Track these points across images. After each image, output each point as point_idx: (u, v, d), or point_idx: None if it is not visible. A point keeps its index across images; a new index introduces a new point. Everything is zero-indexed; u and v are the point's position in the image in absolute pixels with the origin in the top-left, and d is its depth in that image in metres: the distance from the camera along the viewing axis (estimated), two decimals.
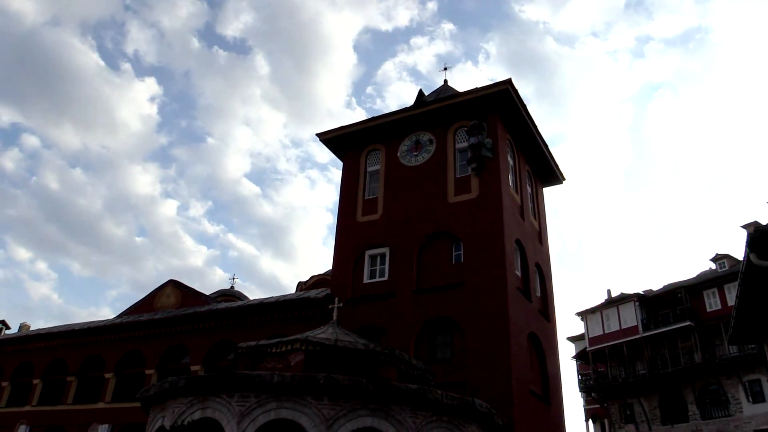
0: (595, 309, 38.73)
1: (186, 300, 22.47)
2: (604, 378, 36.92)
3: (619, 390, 35.95)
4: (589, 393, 39.10)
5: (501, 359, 15.04)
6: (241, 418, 10.42)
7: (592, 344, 37.93)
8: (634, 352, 35.68)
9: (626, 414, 36.15)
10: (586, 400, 42.40)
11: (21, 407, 23.35)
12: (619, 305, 37.46)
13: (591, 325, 38.64)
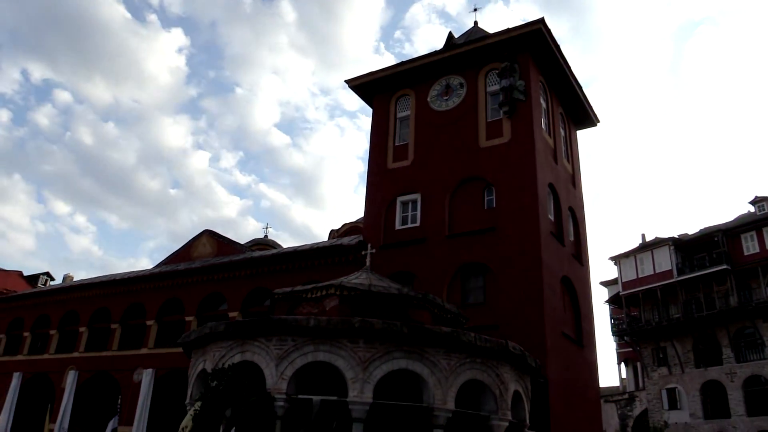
0: (628, 253, 38.42)
1: (221, 249, 22.90)
2: (637, 322, 36.89)
3: (652, 333, 35.93)
4: (621, 337, 39.20)
5: (534, 303, 15.09)
6: (279, 360, 10.72)
7: (626, 288, 37.78)
8: (668, 296, 35.47)
9: (659, 357, 36.23)
10: (619, 344, 42.56)
11: (69, 354, 24.36)
12: (654, 249, 37.06)
13: (624, 269, 38.40)
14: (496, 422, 11.43)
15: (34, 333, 26.79)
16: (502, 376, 11.62)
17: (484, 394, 11.56)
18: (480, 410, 11.61)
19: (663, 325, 35.16)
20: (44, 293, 27.90)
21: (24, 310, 27.76)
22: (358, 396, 10.36)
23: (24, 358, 26.23)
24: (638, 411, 37.95)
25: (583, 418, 16.56)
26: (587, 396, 17.43)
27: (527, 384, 13.02)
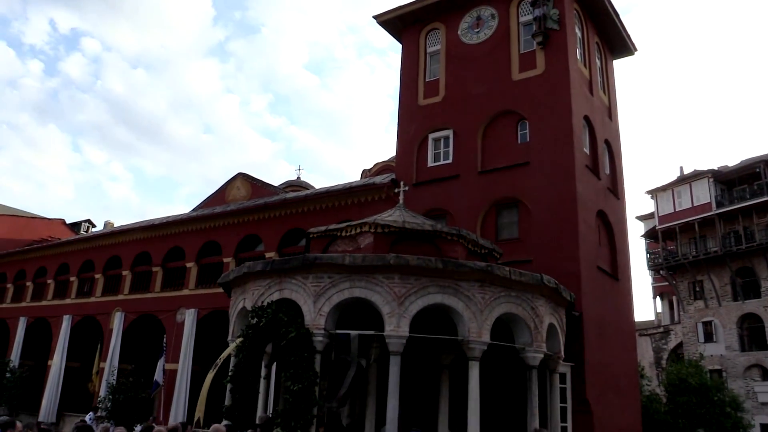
0: (666, 187, 37.70)
1: (255, 191, 23.16)
2: (674, 256, 36.53)
3: (688, 267, 35.59)
4: (657, 271, 38.96)
5: (568, 237, 15.01)
6: (317, 297, 10.95)
7: (662, 223, 37.25)
8: (706, 230, 34.90)
9: (695, 291, 36.00)
10: (654, 278, 42.36)
11: (114, 296, 25.27)
12: (692, 182, 36.26)
13: (661, 203, 37.78)
14: (530, 354, 11.59)
15: (80, 278, 27.81)
16: (536, 309, 11.71)
17: (519, 326, 11.70)
18: (515, 342, 11.78)
19: (700, 259, 34.75)
20: (88, 239, 28.78)
21: (69, 256, 28.76)
22: (394, 330, 10.57)
23: (72, 301, 27.33)
24: (673, 344, 38.02)
25: (618, 350, 16.66)
26: (622, 329, 17.48)
27: (562, 317, 13.11)
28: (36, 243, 32.47)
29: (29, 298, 30.14)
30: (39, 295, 29.69)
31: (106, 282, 26.33)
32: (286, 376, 10.48)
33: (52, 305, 28.22)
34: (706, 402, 23.15)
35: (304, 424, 10.05)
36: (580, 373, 14.02)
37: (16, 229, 34.77)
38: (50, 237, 33.84)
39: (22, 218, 37.09)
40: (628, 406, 16.95)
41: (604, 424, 14.54)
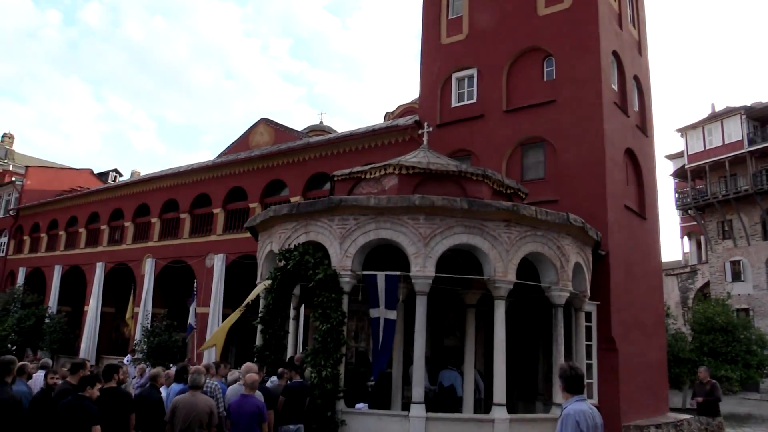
0: (696, 124, 36.80)
1: (279, 137, 23.14)
2: (703, 195, 35.96)
3: (717, 206, 35.06)
4: (686, 210, 38.46)
5: (595, 176, 14.81)
6: (343, 239, 11.03)
7: (692, 161, 36.54)
8: (736, 168, 34.17)
9: (724, 230, 35.56)
10: (682, 218, 41.87)
11: (144, 243, 25.80)
12: (723, 119, 35.31)
13: (691, 141, 36.96)
14: (556, 293, 11.62)
15: (110, 226, 28.39)
16: (563, 248, 11.67)
17: (545, 265, 11.69)
18: (540, 282, 11.81)
19: (730, 198, 34.18)
20: (116, 188, 29.24)
21: (99, 205, 29.30)
22: (420, 270, 10.64)
23: (104, 249, 27.99)
24: (700, 284, 37.86)
25: (644, 289, 16.63)
26: (648, 268, 17.40)
27: (588, 256, 13.08)
28: (66, 193, 33.08)
29: (63, 246, 30.94)
30: (72, 243, 30.44)
31: (135, 229, 26.85)
32: (314, 316, 10.67)
33: (85, 253, 28.94)
34: (733, 340, 23.17)
35: (333, 362, 10.27)
36: (606, 311, 14.06)
37: (46, 180, 35.42)
38: (79, 187, 34.43)
39: (51, 169, 37.73)
40: (653, 344, 17.03)
41: (629, 362, 14.66)
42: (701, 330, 23.88)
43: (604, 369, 13.78)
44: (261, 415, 7.82)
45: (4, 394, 6.41)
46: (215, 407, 7.56)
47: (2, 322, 25.87)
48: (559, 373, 5.13)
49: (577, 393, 5.01)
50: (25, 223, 34.30)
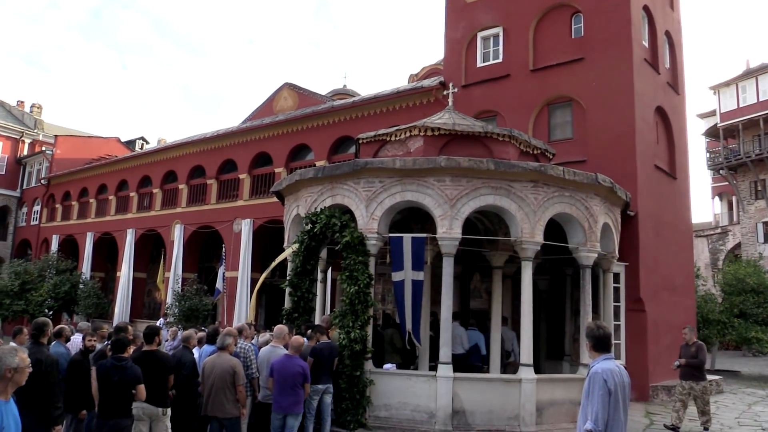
0: (729, 82, 35.74)
1: (302, 101, 23.06)
2: (735, 154, 35.12)
3: (750, 166, 34.24)
4: (717, 170, 37.66)
5: (625, 135, 14.55)
6: (369, 202, 11.01)
7: (724, 120, 35.60)
8: None
9: (756, 190, 34.76)
10: (714, 178, 41.05)
11: (173, 210, 26.13)
12: (758, 76, 34.24)
13: (724, 99, 35.95)
14: (584, 254, 11.52)
15: (139, 193, 28.78)
16: (591, 209, 11.53)
17: (573, 226, 11.57)
18: (568, 242, 11.72)
19: (763, 157, 33.33)
20: (144, 155, 29.53)
21: (128, 172, 29.67)
22: (447, 232, 10.60)
23: (133, 216, 28.43)
24: (731, 245, 37.25)
25: (673, 250, 16.43)
26: (678, 229, 17.16)
27: (617, 216, 12.92)
28: (95, 161, 33.53)
29: (93, 214, 31.50)
30: (102, 211, 30.97)
31: (164, 196, 27.19)
32: (342, 278, 10.74)
33: (115, 220, 29.45)
34: (764, 301, 22.84)
35: (361, 324, 10.37)
36: (635, 272, 13.95)
37: (75, 149, 35.89)
38: (108, 155, 34.83)
39: (80, 138, 38.18)
40: (682, 305, 16.90)
41: (657, 323, 14.59)
42: (731, 291, 23.57)
43: (632, 330, 13.73)
44: (304, 375, 7.99)
45: (41, 354, 6.61)
46: (239, 367, 7.73)
47: (38, 288, 26.58)
48: (586, 332, 5.09)
49: (605, 352, 4.98)
50: (56, 192, 34.93)
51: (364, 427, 10.09)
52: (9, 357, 3.95)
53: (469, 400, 10.22)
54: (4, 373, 3.89)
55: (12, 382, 3.96)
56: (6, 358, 3.94)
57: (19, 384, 4.05)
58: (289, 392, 7.88)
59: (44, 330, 6.95)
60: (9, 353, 3.99)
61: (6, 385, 3.93)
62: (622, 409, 4.78)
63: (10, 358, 3.94)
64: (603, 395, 4.68)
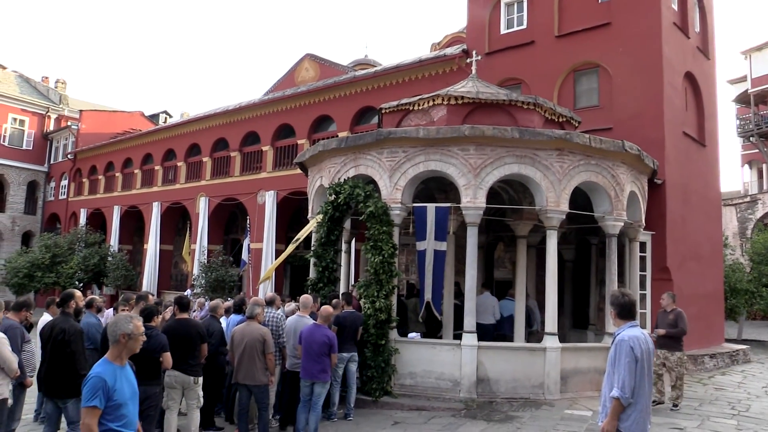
0: (761, 46, 34.72)
1: (324, 72, 22.94)
2: (766, 121, 34.27)
3: None
4: (747, 137, 36.82)
5: (653, 101, 14.25)
6: (392, 172, 10.99)
7: (756, 85, 34.66)
8: None
9: None
10: (744, 145, 40.18)
11: (197, 182, 26.36)
12: None
13: (756, 64, 34.95)
14: (610, 222, 11.41)
15: (164, 166, 29.05)
16: (617, 177, 11.38)
17: (599, 195, 11.45)
18: (594, 211, 11.61)
19: None
20: (168, 129, 29.74)
21: (152, 146, 29.93)
22: (471, 201, 10.56)
23: (159, 189, 28.74)
24: (760, 213, 36.51)
25: (701, 219, 16.18)
26: (706, 197, 16.86)
27: (644, 184, 12.74)
28: (119, 135, 33.85)
29: (120, 188, 31.91)
30: (128, 184, 31.36)
31: (188, 169, 27.42)
32: (366, 248, 10.78)
33: (141, 193, 29.82)
34: None
35: (386, 294, 10.43)
36: (661, 241, 13.78)
37: (100, 124, 36.23)
38: (132, 129, 35.13)
39: (104, 112, 38.48)
40: (709, 274, 16.70)
41: (684, 292, 14.42)
42: (760, 261, 23.20)
43: (658, 299, 13.57)
44: (331, 345, 8.10)
45: (65, 323, 6.78)
46: (269, 335, 7.86)
47: (68, 260, 27.13)
48: (611, 299, 5.06)
49: (630, 319, 4.95)
50: (83, 166, 35.41)
51: (390, 395, 10.22)
52: (123, 323, 4.03)
53: (493, 369, 10.29)
54: (119, 338, 3.98)
55: (126, 348, 4.03)
56: (120, 325, 4.02)
57: (134, 351, 4.13)
58: (317, 360, 8.00)
59: (68, 301, 7.11)
60: (124, 320, 4.06)
61: (121, 351, 4.02)
62: (647, 376, 4.77)
63: (125, 325, 4.02)
64: (629, 362, 4.67)
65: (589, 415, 9.21)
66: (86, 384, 3.82)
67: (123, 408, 3.88)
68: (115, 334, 4.01)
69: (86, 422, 3.72)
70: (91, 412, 3.73)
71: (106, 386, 3.80)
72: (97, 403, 3.75)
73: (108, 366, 3.93)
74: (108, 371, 3.88)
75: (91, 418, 3.72)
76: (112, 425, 3.81)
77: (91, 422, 3.72)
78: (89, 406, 3.74)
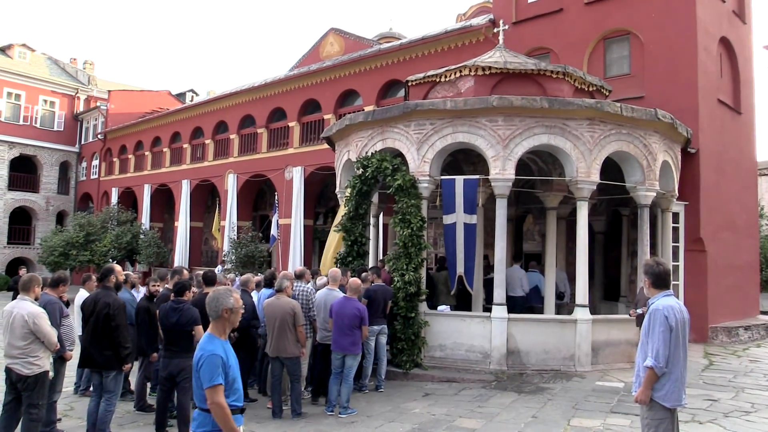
0: None
1: (349, 46, 22.77)
2: None
3: None
4: None
5: (686, 68, 13.87)
6: (420, 144, 10.92)
7: None
8: None
9: None
10: None
11: (225, 160, 26.55)
12: None
13: None
14: (642, 193, 11.21)
15: (192, 144, 29.29)
16: (650, 146, 11.14)
17: (631, 165, 11.24)
18: (626, 181, 11.41)
19: None
20: (195, 107, 29.88)
21: (180, 124, 30.17)
22: (500, 173, 10.46)
23: (188, 167, 29.02)
24: None
25: (736, 188, 15.83)
26: (742, 166, 16.47)
27: (677, 154, 12.47)
28: (148, 115, 34.17)
29: (149, 166, 32.31)
30: (158, 163, 31.72)
31: (216, 146, 27.61)
32: (395, 222, 10.77)
33: (171, 171, 30.15)
34: None
35: (415, 266, 10.44)
36: (695, 211, 13.53)
37: (128, 103, 36.59)
38: (159, 108, 35.42)
39: (133, 92, 38.84)
40: (745, 245, 16.38)
41: (718, 263, 14.21)
42: None
43: (691, 270, 13.42)
44: (362, 317, 8.16)
45: (108, 297, 6.92)
46: (298, 308, 7.94)
47: (102, 239, 27.65)
48: (644, 269, 4.97)
49: (664, 288, 4.87)
50: (113, 146, 35.88)
51: (420, 367, 10.29)
52: (225, 298, 4.01)
53: (523, 341, 10.27)
54: (221, 313, 3.96)
55: (229, 322, 4.02)
56: (222, 300, 3.99)
57: (234, 325, 4.11)
58: (348, 333, 8.07)
59: (108, 275, 7.25)
60: (224, 294, 4.04)
61: (224, 326, 4.00)
62: (682, 346, 4.71)
63: (226, 299, 4.00)
64: (664, 332, 4.61)
65: (620, 387, 9.16)
66: (203, 363, 3.77)
67: (236, 382, 3.90)
68: (217, 309, 3.96)
69: (217, 401, 3.70)
70: (217, 389, 3.71)
71: (223, 362, 3.79)
72: (221, 381, 3.73)
73: (216, 341, 3.90)
74: (219, 347, 3.85)
75: (219, 395, 3.71)
76: (229, 400, 3.80)
77: (221, 399, 3.71)
78: (214, 385, 3.71)
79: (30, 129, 36.37)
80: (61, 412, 7.92)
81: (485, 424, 7.42)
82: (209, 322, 7.07)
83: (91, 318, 6.85)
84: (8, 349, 6.22)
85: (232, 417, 3.76)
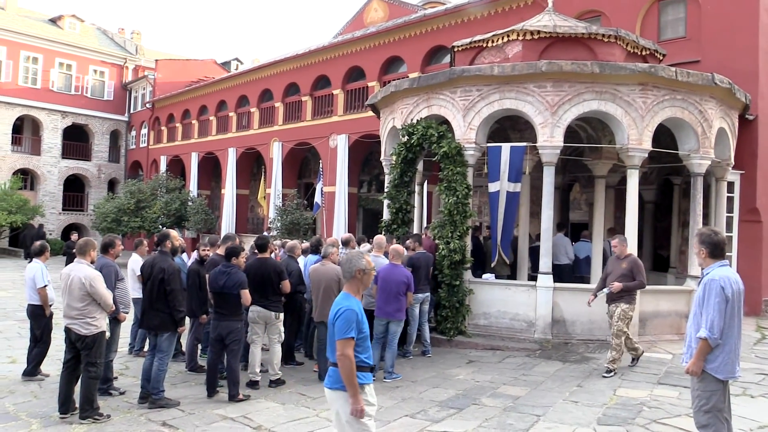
0: None
1: (393, 12, 22.49)
2: None
3: None
4: None
5: (746, 29, 13.22)
6: (466, 111, 10.78)
7: None
8: None
9: None
10: None
11: (270, 128, 26.77)
12: None
13: None
14: (696, 161, 10.84)
15: (237, 113, 29.59)
16: (705, 112, 10.74)
17: (684, 132, 10.87)
18: (679, 149, 11.06)
19: None
20: (240, 75, 30.09)
21: (226, 93, 30.47)
22: (548, 140, 10.26)
23: (234, 135, 29.38)
24: None
25: None
26: None
27: (734, 120, 12.00)
28: (194, 83, 34.59)
29: (196, 135, 32.83)
30: (204, 131, 32.19)
31: (261, 114, 27.83)
32: (440, 189, 10.72)
33: (217, 140, 30.59)
34: None
35: (460, 234, 10.40)
36: (751, 181, 13.04)
37: (175, 72, 37.08)
38: (206, 77, 35.78)
39: (179, 61, 39.30)
40: None
41: None
42: None
43: (745, 242, 12.99)
44: (408, 284, 8.23)
45: (164, 263, 7.14)
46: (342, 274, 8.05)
47: (152, 205, 28.37)
48: (700, 238, 4.82)
49: (721, 258, 4.74)
50: (161, 115, 36.53)
51: (464, 335, 10.32)
52: (357, 259, 4.20)
53: (569, 311, 10.17)
54: (354, 273, 4.15)
55: (362, 283, 4.20)
56: (354, 261, 4.19)
57: (367, 285, 4.28)
58: (393, 299, 8.14)
59: (164, 241, 7.47)
60: (357, 257, 4.23)
61: (357, 286, 4.19)
62: (737, 317, 4.60)
63: (358, 261, 4.18)
64: (720, 302, 4.50)
65: (669, 359, 9.02)
66: (340, 317, 3.95)
67: (366, 340, 4.07)
68: (351, 270, 4.15)
69: (346, 353, 3.87)
70: (348, 342, 3.88)
71: (357, 318, 3.96)
72: (353, 334, 3.90)
73: (353, 299, 4.09)
74: (355, 304, 4.04)
75: (348, 348, 3.88)
76: (361, 356, 3.99)
77: (349, 352, 3.88)
78: (346, 338, 3.89)
79: (81, 98, 37.28)
80: (118, 371, 8.27)
81: (530, 391, 7.43)
82: (255, 288, 7.26)
83: (147, 282, 7.10)
84: (67, 310, 6.49)
85: (361, 374, 3.93)
